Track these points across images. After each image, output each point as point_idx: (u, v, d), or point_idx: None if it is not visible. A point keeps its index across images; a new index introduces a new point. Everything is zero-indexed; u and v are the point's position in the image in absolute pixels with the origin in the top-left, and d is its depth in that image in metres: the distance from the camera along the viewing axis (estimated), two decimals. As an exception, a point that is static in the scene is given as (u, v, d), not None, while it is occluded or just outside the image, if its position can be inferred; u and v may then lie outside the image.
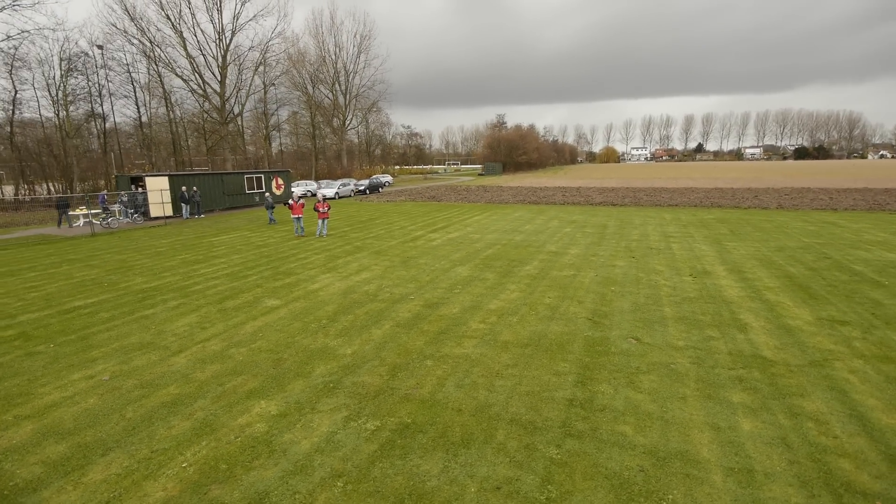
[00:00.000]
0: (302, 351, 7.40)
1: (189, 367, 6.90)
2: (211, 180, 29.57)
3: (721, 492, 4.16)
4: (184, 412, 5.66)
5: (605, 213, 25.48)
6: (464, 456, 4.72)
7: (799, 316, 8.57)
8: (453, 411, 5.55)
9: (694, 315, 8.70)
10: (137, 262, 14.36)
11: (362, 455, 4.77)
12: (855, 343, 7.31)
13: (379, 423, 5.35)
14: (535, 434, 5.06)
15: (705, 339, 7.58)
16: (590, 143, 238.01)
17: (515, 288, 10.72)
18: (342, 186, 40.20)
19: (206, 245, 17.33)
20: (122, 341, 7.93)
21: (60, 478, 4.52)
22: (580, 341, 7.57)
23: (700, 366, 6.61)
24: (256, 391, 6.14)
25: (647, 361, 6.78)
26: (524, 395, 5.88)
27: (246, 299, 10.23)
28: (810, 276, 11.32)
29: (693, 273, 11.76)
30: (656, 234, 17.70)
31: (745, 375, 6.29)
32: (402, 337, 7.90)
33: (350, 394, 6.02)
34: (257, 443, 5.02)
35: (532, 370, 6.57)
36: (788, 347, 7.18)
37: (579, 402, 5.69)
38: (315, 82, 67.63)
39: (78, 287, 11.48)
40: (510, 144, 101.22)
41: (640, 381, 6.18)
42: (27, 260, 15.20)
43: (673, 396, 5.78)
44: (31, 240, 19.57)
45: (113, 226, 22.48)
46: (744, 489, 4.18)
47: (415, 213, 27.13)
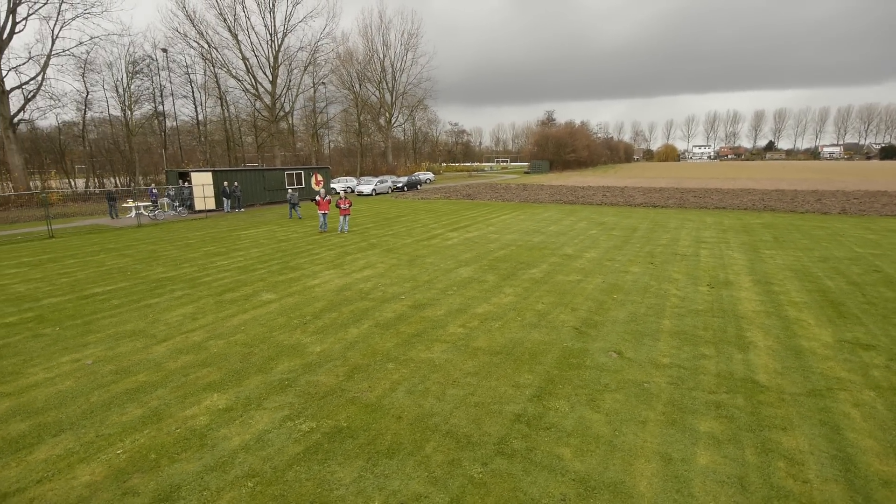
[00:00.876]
0: (274, 346, 7.51)
1: (165, 356, 7.20)
2: (252, 176, 31.02)
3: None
4: (141, 399, 5.90)
5: (641, 214, 24.16)
6: (383, 466, 4.56)
7: (817, 336, 7.63)
8: (393, 418, 5.40)
9: (694, 330, 7.99)
10: (165, 253, 15.29)
11: (284, 456, 4.74)
12: (873, 372, 6.40)
13: (315, 424, 5.31)
14: (465, 449, 4.81)
15: (696, 357, 6.92)
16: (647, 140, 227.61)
17: (512, 292, 10.36)
18: (379, 183, 40.83)
19: (233, 238, 18.18)
20: (119, 328, 8.43)
21: (9, 455, 4.84)
22: (556, 352, 7.15)
23: (677, 387, 6.03)
24: (215, 384, 6.29)
25: (620, 378, 6.28)
26: (472, 407, 5.62)
27: (245, 292, 10.58)
28: (849, 291, 10.09)
29: (711, 283, 10.84)
30: (688, 239, 16.52)
31: (725, 401, 5.67)
32: (376, 337, 7.83)
33: (300, 393, 6.02)
34: (193, 435, 5.13)
35: (491, 380, 6.28)
36: (790, 372, 6.40)
37: (527, 418, 5.35)
38: (362, 80, 69.25)
39: (104, 275, 12.38)
40: (558, 142, 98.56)
41: (603, 400, 5.73)
42: (73, 247, 16.62)
43: (632, 419, 5.31)
44: (84, 229, 21.43)
45: (159, 218, 24.17)
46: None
47: (443, 210, 27.05)
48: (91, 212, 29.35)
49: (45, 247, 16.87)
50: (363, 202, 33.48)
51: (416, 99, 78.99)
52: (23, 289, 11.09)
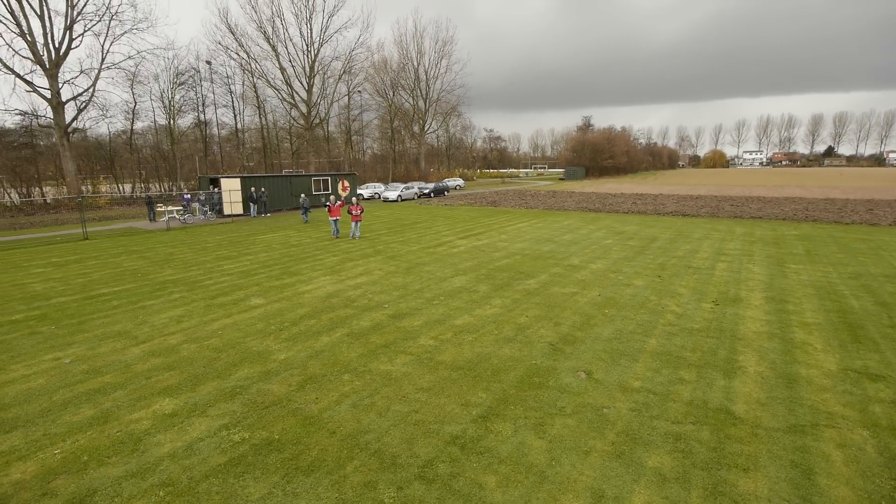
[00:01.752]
0: (241, 352, 7.57)
1: (137, 357, 7.41)
2: (280, 182, 32.02)
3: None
4: (97, 400, 6.06)
5: (666, 224, 23.03)
6: (297, 484, 4.43)
7: (819, 364, 6.89)
8: (327, 433, 5.27)
9: (680, 351, 7.40)
10: (180, 256, 15.94)
11: (205, 467, 4.70)
12: (874, 407, 5.67)
13: (248, 435, 5.25)
14: (387, 471, 4.60)
15: (672, 381, 6.39)
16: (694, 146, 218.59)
17: (499, 303, 10.03)
18: (405, 189, 41.14)
19: (248, 242, 18.73)
20: (107, 328, 8.78)
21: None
22: (521, 369, 6.80)
23: (639, 414, 5.56)
24: (171, 388, 6.38)
25: (579, 402, 5.87)
26: (411, 425, 5.40)
27: (237, 297, 10.80)
28: (874, 312, 9.10)
29: (717, 299, 10.08)
30: (708, 251, 15.53)
31: (687, 433, 5.17)
32: (343, 347, 7.74)
33: (247, 401, 6.00)
34: (129, 440, 5.19)
35: (442, 397, 6.03)
36: (774, 403, 5.78)
37: (463, 441, 5.08)
38: (396, 88, 70.36)
39: (116, 276, 13.01)
40: (595, 148, 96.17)
41: (552, 425, 5.36)
42: (100, 249, 17.64)
43: (576, 448, 4.92)
44: (117, 231, 22.75)
45: (188, 221, 25.33)
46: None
47: (462, 217, 26.85)
48: (134, 215, 31.18)
49: (76, 248, 18.00)
50: (386, 208, 33.81)
51: (449, 105, 79.43)
52: (40, 288, 11.82)
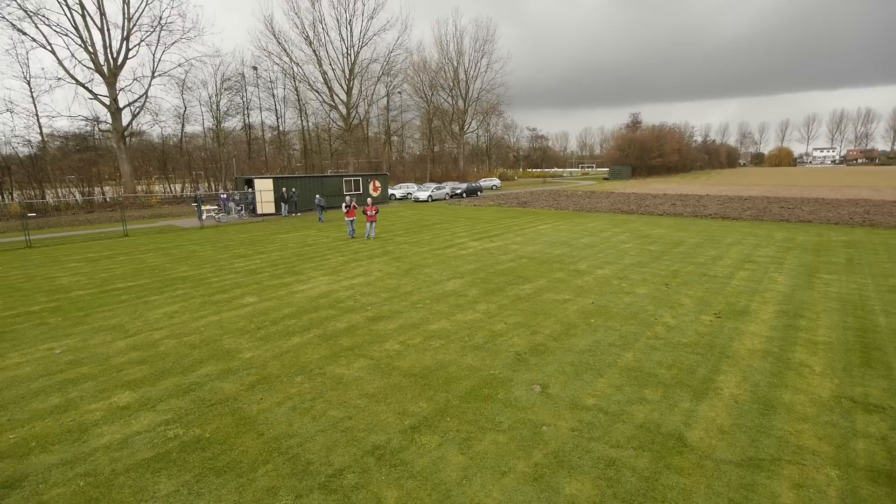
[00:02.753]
0: (213, 350, 7.82)
1: (119, 351, 7.83)
2: (311, 183, 33.03)
3: None
4: (67, 390, 6.45)
5: (699, 227, 21.62)
6: (205, 484, 4.49)
7: (810, 389, 6.17)
8: (255, 434, 5.31)
9: (655, 367, 6.88)
10: (201, 253, 16.79)
11: (131, 461, 4.86)
12: (856, 443, 5.00)
13: (182, 432, 5.39)
14: (295, 477, 4.56)
15: (631, 400, 5.93)
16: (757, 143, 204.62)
17: (483, 309, 9.77)
18: (436, 190, 41.22)
19: (268, 241, 19.45)
20: (105, 322, 9.36)
21: (-69, 431, 5.54)
22: (475, 380, 6.57)
23: (579, 435, 5.20)
24: (135, 381, 6.69)
25: (520, 418, 5.58)
26: (339, 431, 5.34)
27: (233, 294, 11.21)
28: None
29: (721, 312, 9.30)
30: (733, 258, 14.41)
31: (622, 460, 4.77)
32: (309, 348, 7.82)
33: (196, 399, 6.18)
34: (77, 429, 5.48)
35: (383, 404, 5.93)
36: (738, 432, 5.22)
37: (382, 452, 4.95)
38: (435, 88, 70.67)
39: (136, 272, 13.89)
40: (642, 146, 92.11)
41: (480, 441, 5.12)
42: (133, 246, 18.93)
43: (495, 468, 4.66)
44: (156, 229, 24.34)
45: (222, 220, 26.69)
46: None
47: (484, 218, 26.53)
48: (180, 213, 33.28)
49: (114, 245, 19.42)
50: (414, 208, 34.03)
51: (489, 105, 78.87)
52: (66, 281, 12.83)
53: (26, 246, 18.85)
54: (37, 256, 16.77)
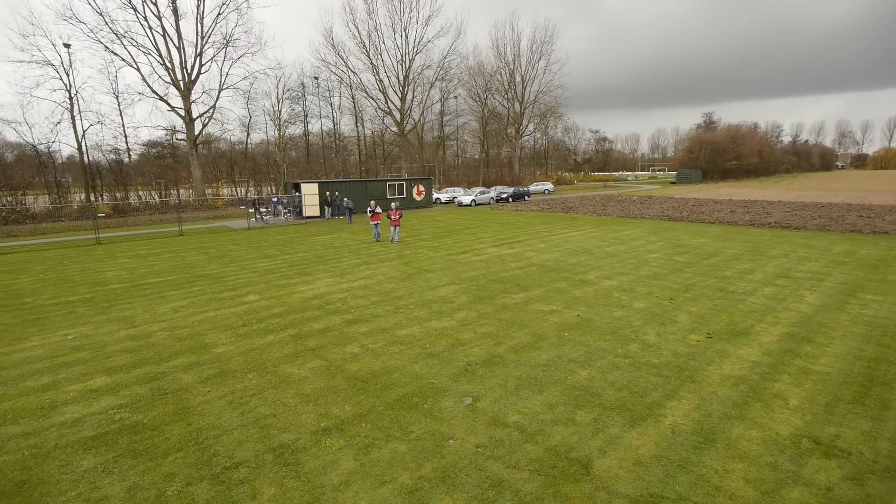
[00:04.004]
0: (194, 343, 8.49)
1: (118, 339, 8.74)
2: (356, 187, 34.33)
3: None
4: (58, 372, 7.32)
5: (747, 237, 19.77)
6: (118, 464, 4.93)
7: (769, 425, 5.52)
8: (184, 424, 5.73)
9: (603, 388, 6.48)
10: (234, 253, 18.13)
11: (73, 438, 5.46)
12: (790, 491, 4.43)
13: (127, 416, 5.95)
14: (194, 467, 4.88)
15: (556, 421, 5.66)
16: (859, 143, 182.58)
17: (462, 316, 9.71)
18: (480, 194, 41.12)
19: (298, 242, 20.56)
20: (121, 313, 10.46)
21: (-57, 399, 6.55)
22: (412, 387, 6.59)
23: (480, 452, 5.06)
24: (115, 368, 7.45)
25: (432, 429, 5.53)
26: (258, 428, 5.61)
27: (239, 293, 12.03)
28: (921, 367, 6.92)
29: (716, 332, 8.52)
30: (767, 273, 13.07)
31: (511, 482, 4.58)
32: (276, 346, 8.23)
33: (155, 387, 6.76)
34: (49, 406, 6.23)
35: (311, 405, 6.14)
36: (654, 465, 4.82)
37: (284, 450, 5.14)
38: (489, 91, 70.51)
39: (170, 269, 15.32)
40: (715, 148, 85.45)
41: (381, 449, 5.15)
42: (182, 244, 20.82)
43: (377, 477, 4.68)
44: (209, 230, 26.56)
45: (269, 222, 28.55)
46: None
47: (517, 224, 26.09)
48: (239, 215, 36.04)
49: (166, 243, 21.50)
50: (452, 213, 34.22)
51: (547, 107, 77.31)
52: (110, 275, 14.46)
53: (96, 242, 21.45)
54: (100, 252, 19.05)
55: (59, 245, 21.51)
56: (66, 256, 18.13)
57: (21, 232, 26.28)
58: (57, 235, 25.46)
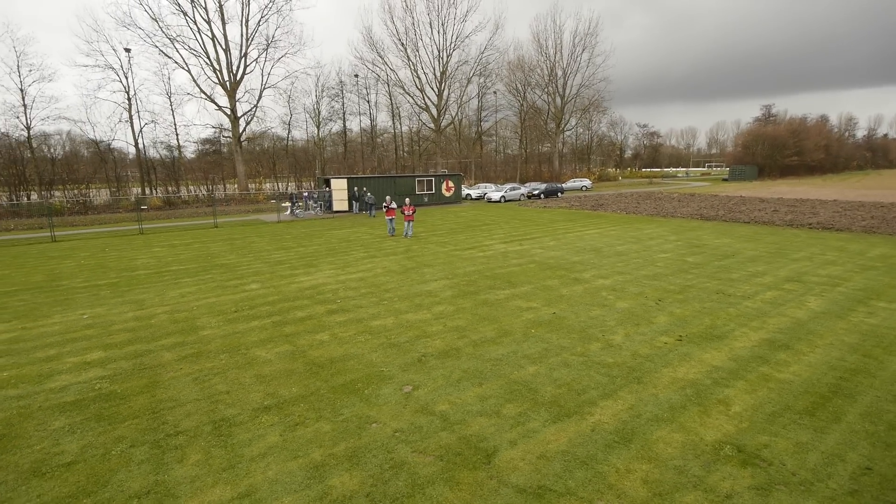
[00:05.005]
0: (187, 326, 9.28)
1: (125, 320, 9.69)
2: (384, 182, 35.13)
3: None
4: (64, 346, 8.28)
5: (774, 238, 18.58)
6: (83, 426, 5.63)
7: (697, 430, 5.42)
8: (148, 396, 6.39)
9: (543, 384, 6.56)
10: (255, 244, 19.25)
11: (55, 402, 6.25)
12: (685, 496, 4.40)
13: (106, 386, 6.69)
14: (144, 432, 5.48)
15: (482, 412, 5.83)
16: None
17: (440, 310, 9.96)
18: (511, 190, 40.81)
19: (317, 235, 21.47)
20: (135, 297, 11.53)
21: (-32, 364, 7.63)
22: (361, 373, 6.95)
23: (395, 437, 5.34)
24: (111, 344, 8.32)
25: (362, 413, 5.86)
26: (209, 402, 6.17)
27: (244, 281, 12.87)
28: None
29: (688, 335, 8.29)
30: (778, 277, 12.36)
31: (412, 465, 4.84)
32: (255, 331, 8.85)
33: (138, 363, 7.52)
34: (46, 374, 7.11)
35: (262, 385, 6.64)
36: (557, 460, 4.92)
37: (223, 423, 5.66)
38: (528, 86, 69.48)
39: (194, 258, 16.54)
40: (774, 143, 79.63)
41: (306, 427, 5.54)
42: (213, 235, 22.29)
43: (292, 451, 5.08)
44: (241, 222, 28.17)
45: (300, 216, 29.87)
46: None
47: (538, 220, 25.81)
48: (276, 209, 37.89)
49: (200, 234, 23.09)
50: (478, 209, 34.26)
51: (589, 101, 75.16)
52: (140, 262, 15.84)
53: (139, 232, 23.42)
54: (139, 242, 20.81)
55: (109, 234, 23.69)
56: (109, 245, 19.99)
57: (82, 222, 29.07)
58: (111, 225, 27.97)
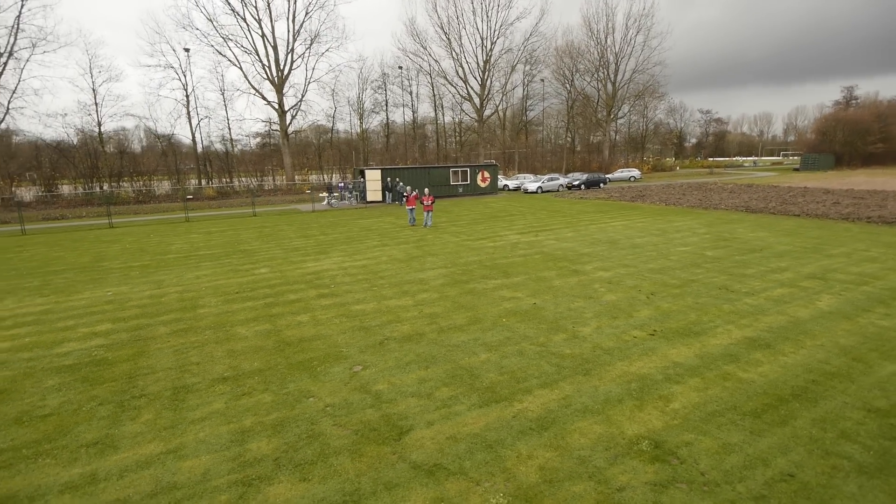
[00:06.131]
0: (190, 304, 10.14)
1: (141, 297, 10.75)
2: (418, 173, 35.57)
3: None
4: (81, 318, 9.35)
5: (818, 233, 17.00)
6: (67, 386, 6.44)
7: (622, 423, 5.31)
8: (131, 363, 7.15)
9: (488, 371, 6.63)
10: (282, 232, 20.35)
11: (56, 364, 7.16)
12: (573, 486, 4.38)
13: (101, 353, 7.55)
14: (113, 393, 6.19)
15: (415, 394, 6.02)
16: None
17: (423, 297, 10.18)
18: (548, 181, 39.89)
19: (342, 225, 22.29)
20: (157, 277, 12.68)
21: None
22: (320, 353, 7.36)
23: (321, 411, 5.67)
24: (121, 318, 9.29)
25: (306, 388, 6.24)
26: (178, 371, 6.82)
27: (257, 266, 13.74)
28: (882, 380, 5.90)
29: (665, 330, 7.97)
30: (800, 273, 11.41)
31: (314, 436, 5.14)
32: (245, 311, 9.53)
33: (136, 335, 8.38)
34: (58, 341, 8.13)
35: (230, 359, 7.22)
36: (462, 442, 5.02)
37: (180, 390, 6.25)
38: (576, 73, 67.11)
39: (222, 244, 17.80)
40: (855, 128, 71.75)
41: (250, 397, 6.01)
42: (248, 223, 23.76)
43: (221, 416, 5.54)
44: (279, 211, 29.71)
45: (334, 206, 31.04)
46: None
47: (566, 212, 25.17)
48: (316, 199, 39.59)
49: (238, 223, 24.68)
50: (510, 199, 33.87)
51: (643, 87, 71.40)
52: (174, 247, 17.29)
53: (185, 220, 25.44)
54: (182, 228, 22.65)
55: (159, 222, 25.95)
56: (156, 231, 21.94)
57: (142, 210, 31.99)
58: (165, 213, 30.57)
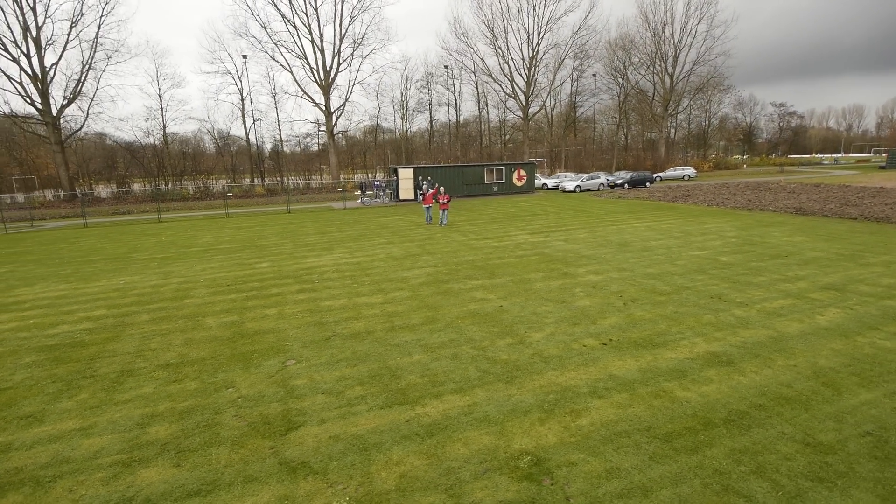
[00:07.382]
0: (182, 294, 10.89)
1: (146, 285, 11.69)
2: (452, 172, 35.60)
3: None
4: (85, 304, 10.35)
5: (864, 239, 15.03)
6: (38, 364, 7.18)
7: (515, 437, 5.09)
8: (101, 345, 7.82)
9: (412, 371, 6.57)
10: (303, 228, 21.22)
11: (39, 344, 7.99)
12: (429, 497, 4.27)
13: (82, 335, 8.33)
14: (80, 372, 6.82)
15: (328, 391, 6.10)
16: None
17: (394, 296, 10.25)
18: (587, 180, 38.41)
19: (363, 222, 22.84)
20: (169, 268, 13.70)
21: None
22: (267, 346, 7.65)
23: (230, 402, 5.89)
24: (117, 304, 10.17)
25: (233, 379, 6.53)
26: (133, 355, 7.36)
27: (259, 260, 14.45)
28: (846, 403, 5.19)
29: (620, 340, 7.46)
30: (817, 283, 10.21)
31: (209, 426, 5.35)
32: (226, 302, 10.09)
33: (120, 321, 9.14)
34: (55, 323, 9.05)
35: (185, 348, 7.69)
36: (342, 442, 5.04)
37: (131, 370, 6.75)
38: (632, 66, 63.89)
39: (243, 239, 18.88)
40: (965, 119, 62.33)
41: (180, 383, 6.37)
42: (278, 220, 24.97)
43: (145, 400, 5.91)
44: (311, 209, 30.92)
45: (366, 204, 31.84)
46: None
47: (592, 212, 24.11)
48: (355, 197, 40.86)
49: (269, 219, 26.02)
50: (542, 199, 32.97)
51: (705, 79, 66.64)
52: (203, 241, 18.57)
53: (225, 216, 27.24)
54: (218, 224, 24.27)
55: (202, 217, 27.99)
56: (195, 226, 23.71)
57: (197, 206, 34.63)
58: (215, 209, 32.88)
